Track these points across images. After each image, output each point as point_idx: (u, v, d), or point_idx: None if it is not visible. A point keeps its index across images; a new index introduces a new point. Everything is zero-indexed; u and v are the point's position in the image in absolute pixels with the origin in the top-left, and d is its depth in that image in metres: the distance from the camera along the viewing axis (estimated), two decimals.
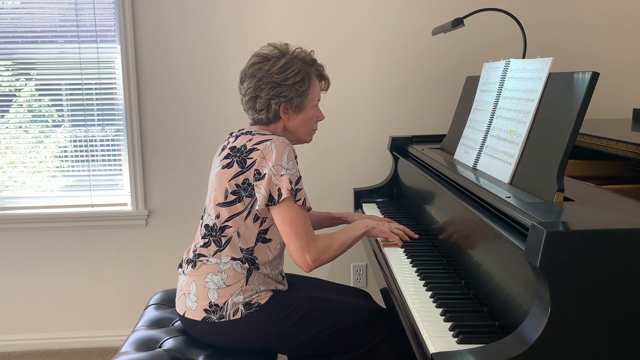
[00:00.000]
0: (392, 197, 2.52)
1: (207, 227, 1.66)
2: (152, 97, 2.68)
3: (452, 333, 1.22)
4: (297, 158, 1.62)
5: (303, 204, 1.59)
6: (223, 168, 1.64)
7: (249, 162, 1.59)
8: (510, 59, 1.75)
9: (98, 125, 2.73)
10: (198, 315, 1.61)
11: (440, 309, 1.34)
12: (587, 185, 1.48)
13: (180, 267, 1.73)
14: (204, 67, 2.67)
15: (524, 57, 2.16)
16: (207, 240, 1.65)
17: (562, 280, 1.01)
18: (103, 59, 2.66)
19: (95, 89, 2.69)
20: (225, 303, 1.59)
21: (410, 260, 1.69)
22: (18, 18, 2.62)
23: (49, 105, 2.72)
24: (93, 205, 2.77)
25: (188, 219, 2.74)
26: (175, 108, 2.70)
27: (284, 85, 1.66)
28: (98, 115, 2.71)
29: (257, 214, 1.61)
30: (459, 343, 1.17)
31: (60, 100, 2.72)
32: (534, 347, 1.01)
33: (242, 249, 1.62)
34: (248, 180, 1.59)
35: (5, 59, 2.64)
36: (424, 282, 1.53)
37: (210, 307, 1.60)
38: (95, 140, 2.74)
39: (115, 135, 2.74)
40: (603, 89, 2.57)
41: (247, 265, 1.62)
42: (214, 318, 1.60)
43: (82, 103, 2.71)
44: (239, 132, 1.71)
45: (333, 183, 2.78)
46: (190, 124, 2.71)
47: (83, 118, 2.72)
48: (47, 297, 2.80)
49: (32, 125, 2.73)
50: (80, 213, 2.73)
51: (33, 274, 2.78)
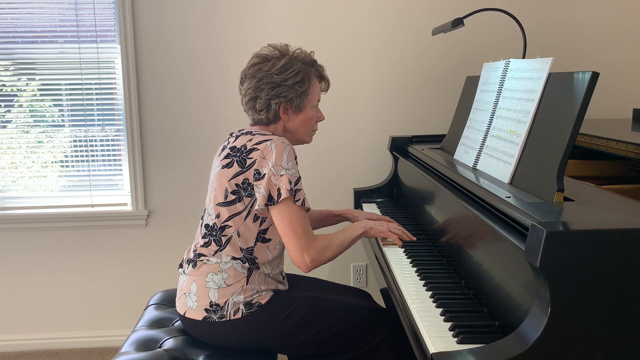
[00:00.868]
0: (392, 197, 2.52)
1: (207, 226, 1.66)
2: (152, 97, 2.68)
3: (452, 333, 1.22)
4: (297, 158, 1.62)
5: (302, 205, 1.59)
6: (223, 168, 1.64)
7: (249, 162, 1.59)
8: (510, 59, 1.75)
9: (98, 125, 2.73)
10: (199, 315, 1.61)
11: (440, 309, 1.34)
12: (587, 185, 1.48)
13: (181, 266, 1.73)
14: (204, 67, 2.67)
15: (524, 57, 2.16)
16: (207, 240, 1.65)
17: (562, 280, 1.01)
18: (103, 59, 2.66)
19: (95, 89, 2.69)
20: (226, 303, 1.59)
21: (410, 260, 1.69)
22: (18, 18, 2.62)
23: (50, 106, 2.72)
24: (93, 205, 2.77)
25: (188, 219, 2.74)
26: (175, 108, 2.70)
27: (284, 86, 1.66)
28: (98, 115, 2.71)
29: (256, 214, 1.62)
30: (459, 343, 1.17)
31: (60, 101, 2.72)
32: (534, 347, 1.01)
33: (242, 249, 1.63)
34: (248, 180, 1.59)
35: (5, 59, 2.64)
36: (424, 282, 1.53)
37: (211, 306, 1.60)
38: (95, 140, 2.74)
39: (115, 135, 2.74)
40: (603, 89, 2.57)
41: (247, 265, 1.62)
42: (215, 318, 1.60)
43: (82, 103, 2.70)
44: (239, 132, 1.71)
45: (333, 183, 2.78)
46: (190, 124, 2.71)
47: (83, 118, 2.72)
48: (47, 297, 2.80)
49: (32, 125, 2.73)
50: (80, 213, 2.74)
51: (33, 274, 2.78)
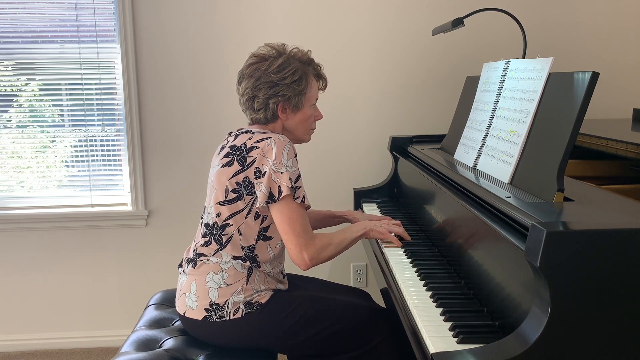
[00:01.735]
0: (392, 197, 2.52)
1: (207, 225, 1.66)
2: (152, 97, 2.68)
3: (452, 333, 1.22)
4: (297, 156, 1.62)
5: (302, 202, 1.60)
6: (223, 167, 1.64)
7: (249, 160, 1.60)
8: (510, 59, 1.75)
9: (98, 125, 2.73)
10: (198, 315, 1.61)
11: (440, 309, 1.34)
12: (587, 185, 1.48)
13: (180, 266, 1.73)
14: (204, 67, 2.67)
15: (524, 57, 2.16)
16: (207, 239, 1.65)
17: (562, 280, 1.01)
18: (103, 59, 2.66)
19: (95, 89, 2.69)
20: (226, 302, 1.59)
21: (410, 260, 1.69)
22: (18, 18, 2.62)
23: (49, 106, 2.72)
24: (93, 205, 2.77)
25: (188, 219, 2.74)
26: (175, 108, 2.70)
27: (282, 85, 1.66)
28: (98, 115, 2.71)
29: (257, 212, 1.62)
30: (459, 343, 1.17)
31: (60, 101, 2.72)
32: (534, 347, 1.01)
33: (243, 247, 1.63)
34: (248, 179, 1.60)
35: (5, 59, 2.64)
36: (424, 282, 1.53)
37: (211, 306, 1.60)
38: (95, 140, 2.74)
39: (115, 135, 2.74)
40: (603, 89, 2.57)
41: (248, 264, 1.62)
42: (215, 317, 1.60)
43: (82, 103, 2.70)
44: (238, 131, 1.71)
45: (333, 183, 2.78)
46: (190, 124, 2.71)
47: (83, 118, 2.71)
48: (47, 297, 2.80)
49: (32, 126, 2.73)
50: (80, 213, 2.73)
51: (33, 274, 2.78)
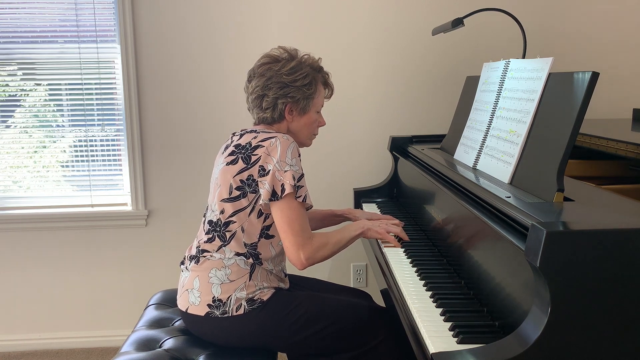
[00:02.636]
0: (392, 197, 2.52)
1: (210, 222, 1.68)
2: (152, 97, 2.68)
3: (452, 333, 1.22)
4: (300, 156, 1.65)
5: (303, 201, 1.62)
6: (228, 165, 1.66)
7: (254, 158, 1.62)
8: (510, 59, 1.75)
9: (98, 125, 2.73)
10: (201, 311, 1.62)
11: (440, 309, 1.34)
12: (587, 185, 1.48)
13: (183, 263, 1.75)
14: (204, 67, 2.67)
15: (524, 57, 2.16)
16: (211, 236, 1.67)
17: (562, 280, 1.01)
18: (103, 59, 2.66)
19: (95, 89, 2.69)
20: (229, 298, 1.60)
21: (410, 260, 1.69)
22: (18, 18, 2.62)
23: (50, 106, 2.72)
24: (93, 205, 2.77)
25: (188, 219, 2.74)
26: (175, 108, 2.70)
27: (292, 87, 1.70)
28: (98, 115, 2.71)
29: (261, 210, 1.64)
30: (459, 343, 1.17)
31: (60, 101, 2.72)
32: (534, 347, 1.01)
33: (245, 244, 1.64)
34: (252, 177, 1.62)
35: (5, 59, 2.64)
36: (424, 282, 1.53)
37: (214, 302, 1.61)
38: (95, 140, 2.74)
39: (115, 135, 2.74)
40: (603, 89, 2.57)
41: (251, 261, 1.64)
42: (217, 313, 1.61)
43: (82, 103, 2.70)
44: (242, 131, 1.74)
45: (333, 183, 2.78)
46: (190, 124, 2.71)
47: (83, 118, 2.71)
48: (47, 297, 2.80)
49: (32, 126, 2.72)
50: (80, 213, 2.73)
51: (33, 274, 2.78)
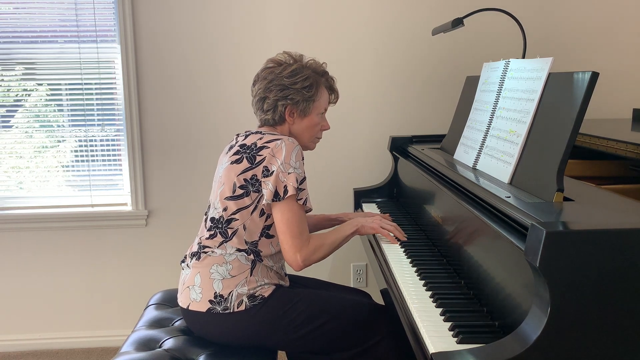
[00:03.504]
0: (392, 197, 2.52)
1: (213, 219, 1.70)
2: (152, 97, 2.68)
3: (451, 333, 1.22)
4: (304, 159, 1.68)
5: (304, 204, 1.65)
6: (232, 163, 1.69)
7: (259, 158, 1.65)
8: (510, 59, 1.75)
9: (98, 125, 2.73)
10: (203, 307, 1.63)
11: (440, 309, 1.35)
12: (587, 185, 1.48)
13: (183, 261, 1.76)
14: (204, 67, 2.67)
15: (524, 57, 2.16)
16: (213, 232, 1.69)
17: (562, 280, 1.01)
18: (103, 59, 2.66)
19: (95, 89, 2.69)
20: (230, 294, 1.62)
21: (410, 260, 1.70)
22: (18, 18, 2.62)
23: (50, 106, 2.72)
24: (93, 205, 2.77)
25: (188, 219, 2.74)
26: (175, 108, 2.70)
27: (292, 89, 1.74)
28: (98, 115, 2.71)
29: (263, 209, 1.66)
30: (459, 343, 1.17)
31: (60, 101, 2.72)
32: (534, 347, 1.01)
33: (247, 242, 1.67)
34: (256, 177, 1.64)
35: (5, 59, 2.64)
36: (424, 282, 1.53)
37: (215, 297, 1.62)
38: (95, 140, 2.74)
39: (115, 135, 2.74)
40: (603, 89, 2.57)
41: (251, 257, 1.66)
42: (219, 309, 1.62)
43: (82, 103, 2.71)
44: (247, 132, 1.78)
45: (333, 183, 2.78)
46: (190, 124, 2.71)
47: (83, 118, 2.72)
48: (47, 297, 2.80)
49: (31, 126, 2.73)
50: (80, 213, 2.73)
51: (33, 274, 2.78)
